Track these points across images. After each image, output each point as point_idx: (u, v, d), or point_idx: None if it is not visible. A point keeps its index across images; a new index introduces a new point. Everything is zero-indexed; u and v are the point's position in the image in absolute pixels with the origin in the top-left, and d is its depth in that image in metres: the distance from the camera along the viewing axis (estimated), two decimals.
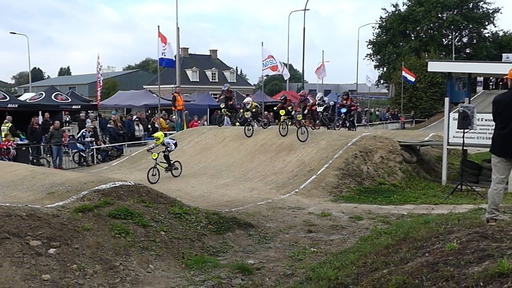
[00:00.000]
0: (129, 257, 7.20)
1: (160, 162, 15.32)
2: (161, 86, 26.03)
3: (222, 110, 21.21)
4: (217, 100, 22.99)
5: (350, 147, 15.53)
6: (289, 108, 17.73)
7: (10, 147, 16.78)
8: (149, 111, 33.98)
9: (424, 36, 58.44)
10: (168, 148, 15.62)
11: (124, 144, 21.65)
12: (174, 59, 24.99)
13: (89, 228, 7.38)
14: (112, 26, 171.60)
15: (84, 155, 19.77)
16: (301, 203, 12.06)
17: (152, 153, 15.29)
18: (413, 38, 59.17)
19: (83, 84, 76.15)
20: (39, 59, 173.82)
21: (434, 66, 17.30)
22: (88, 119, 24.55)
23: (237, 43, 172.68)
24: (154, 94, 36.46)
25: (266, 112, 30.73)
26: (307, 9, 38.52)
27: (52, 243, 6.88)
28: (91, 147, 19.92)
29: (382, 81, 60.49)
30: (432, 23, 57.36)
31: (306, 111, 20.22)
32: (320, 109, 20.02)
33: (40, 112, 22.79)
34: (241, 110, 19.76)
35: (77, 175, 10.47)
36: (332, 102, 21.15)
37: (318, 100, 20.17)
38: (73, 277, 6.47)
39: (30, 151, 18.44)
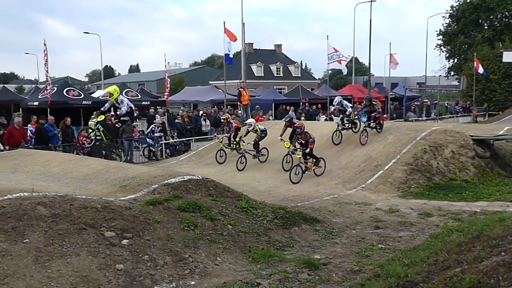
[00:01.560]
0: (198, 249, 7.37)
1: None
2: (226, 81, 26.38)
3: (222, 145, 17.67)
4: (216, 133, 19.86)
5: (419, 142, 15.11)
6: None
7: (85, 142, 17.53)
8: (215, 106, 34.51)
9: (498, 25, 55.78)
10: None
11: (192, 139, 22.13)
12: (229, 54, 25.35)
13: (159, 220, 7.62)
14: (178, 23, 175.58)
15: (153, 149, 20.39)
16: (368, 199, 11.89)
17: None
18: (486, 27, 56.65)
19: (151, 81, 78.35)
20: (110, 57, 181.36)
21: (510, 56, 16.47)
22: (157, 115, 25.26)
23: (301, 37, 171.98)
24: (220, 90, 36.97)
25: (331, 106, 30.39)
26: (374, 0, 37.65)
27: (125, 234, 7.15)
28: (160, 142, 20.50)
29: (452, 73, 58.29)
30: (508, 11, 54.64)
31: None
32: (337, 119, 17.09)
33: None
34: (237, 139, 17.69)
35: (148, 169, 10.81)
36: (350, 109, 17.89)
37: (336, 105, 17.45)
38: (144, 268, 6.71)
39: (103, 146, 19.17)
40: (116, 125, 12.70)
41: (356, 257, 7.50)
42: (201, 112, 26.68)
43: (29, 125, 18.73)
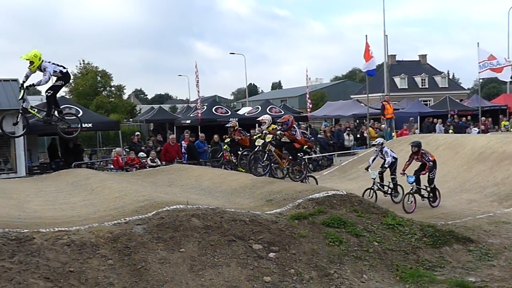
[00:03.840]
0: (343, 265, 7.31)
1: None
2: (369, 95, 25.94)
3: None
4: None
5: None
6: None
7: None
8: (357, 121, 34.07)
9: None
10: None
11: (334, 154, 22.07)
12: (374, 67, 24.75)
13: (304, 235, 7.70)
14: (319, 39, 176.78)
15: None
16: None
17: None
18: None
19: (293, 97, 79.74)
20: (254, 75, 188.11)
21: None
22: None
23: (447, 45, 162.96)
24: (362, 104, 36.47)
25: (483, 118, 28.35)
26: None
27: (272, 248, 7.35)
28: (303, 157, 20.71)
29: None
30: None
31: None
32: (373, 175, 13.22)
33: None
34: (254, 137, 14.33)
35: (292, 184, 11.00)
36: (391, 159, 13.43)
37: (376, 147, 14.00)
38: (291, 281, 6.82)
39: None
40: (47, 93, 10.46)
41: None
42: (343, 127, 26.53)
43: (182, 141, 20.16)
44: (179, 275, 6.57)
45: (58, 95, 11.32)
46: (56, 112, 10.54)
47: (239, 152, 14.67)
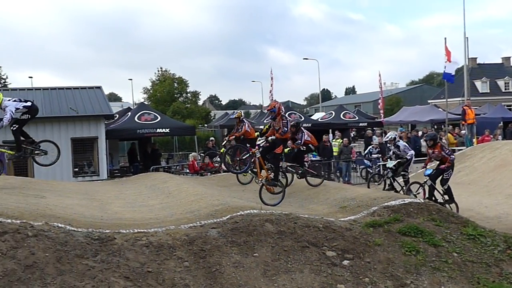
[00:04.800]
0: (420, 276, 7.08)
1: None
2: (448, 99, 25.03)
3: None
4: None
5: None
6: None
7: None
8: (435, 126, 32.96)
9: None
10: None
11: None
12: (453, 73, 23.76)
13: (379, 243, 7.54)
14: (395, 43, 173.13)
15: (371, 171, 20.29)
16: None
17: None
18: None
19: (367, 102, 78.47)
20: (327, 80, 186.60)
21: None
22: (374, 136, 25.16)
23: None
24: (440, 109, 35.26)
25: None
26: None
27: (346, 255, 7.25)
28: (378, 163, 20.31)
29: None
30: None
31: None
32: (391, 164, 12.87)
33: (330, 130, 24.33)
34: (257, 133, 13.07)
35: (366, 190, 10.83)
36: (411, 154, 12.87)
37: (388, 143, 13.07)
38: None
39: (322, 167, 19.80)
40: (13, 128, 9.93)
41: None
42: (420, 133, 25.75)
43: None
44: (253, 279, 6.62)
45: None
46: (28, 144, 10.32)
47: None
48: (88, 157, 19.49)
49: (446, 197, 11.62)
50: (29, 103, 10.12)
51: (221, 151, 12.73)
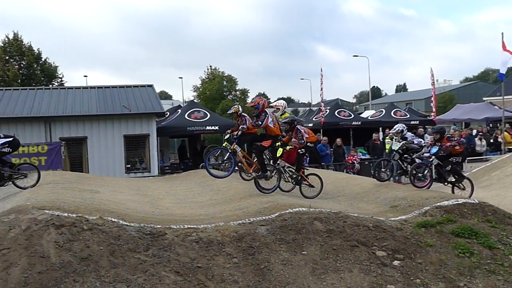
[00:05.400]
0: (474, 278, 6.88)
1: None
2: (505, 96, 24.11)
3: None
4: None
5: None
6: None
7: (355, 161, 18.16)
8: (491, 125, 31.84)
9: None
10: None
11: (464, 160, 20.81)
12: (505, 69, 22.79)
13: (431, 244, 7.36)
14: (448, 39, 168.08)
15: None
16: None
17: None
18: None
19: (419, 100, 76.66)
20: (377, 77, 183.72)
21: None
22: (426, 134, 24.56)
23: None
24: (496, 106, 34.03)
25: None
26: None
27: (396, 255, 7.12)
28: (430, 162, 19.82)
29: None
30: None
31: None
32: (395, 146, 12.14)
33: (380, 129, 23.91)
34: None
35: (418, 190, 10.56)
36: (423, 142, 12.25)
37: (395, 135, 12.28)
38: None
39: (372, 166, 19.52)
40: None
41: None
42: (474, 131, 24.96)
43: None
44: (301, 277, 6.61)
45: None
46: (6, 169, 10.51)
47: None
48: (140, 154, 19.93)
49: (452, 178, 11.16)
50: (11, 138, 10.69)
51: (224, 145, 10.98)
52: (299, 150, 10.77)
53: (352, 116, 26.25)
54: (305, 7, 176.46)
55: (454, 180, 11.15)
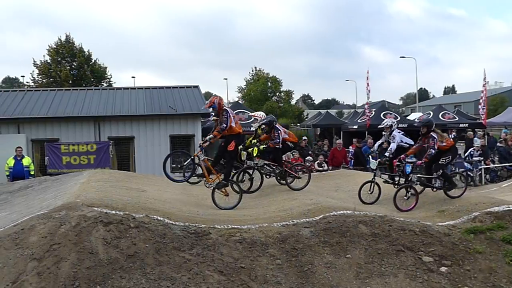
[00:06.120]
0: None
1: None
2: None
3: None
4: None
5: None
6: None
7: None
8: None
9: None
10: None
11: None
12: None
13: (481, 251, 7.16)
14: (500, 39, 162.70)
15: (471, 174, 19.28)
16: None
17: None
18: None
19: (468, 102, 74.61)
20: (424, 79, 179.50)
21: None
22: (475, 138, 23.86)
23: None
24: None
25: None
26: None
27: (444, 262, 6.95)
28: (479, 167, 19.26)
29: None
30: None
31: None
32: (373, 165, 10.53)
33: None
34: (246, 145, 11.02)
35: (467, 195, 10.27)
36: (396, 144, 10.59)
37: (384, 130, 11.11)
38: None
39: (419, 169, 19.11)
40: None
41: None
42: None
43: (350, 147, 20.08)
44: (345, 281, 6.54)
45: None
46: None
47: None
48: None
49: (441, 183, 10.02)
50: None
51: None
52: (277, 146, 10.63)
53: (399, 118, 25.79)
54: (350, 7, 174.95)
55: (443, 186, 9.96)
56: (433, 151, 9.61)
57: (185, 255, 6.65)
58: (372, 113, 25.52)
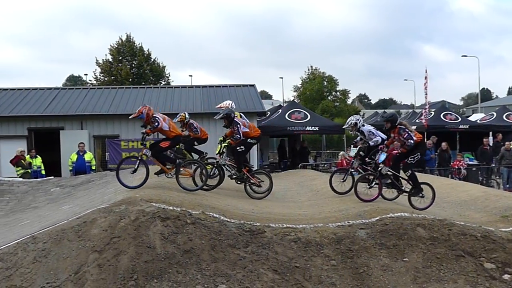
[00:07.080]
0: None
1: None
2: None
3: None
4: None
5: None
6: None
7: (461, 167, 17.26)
8: None
9: None
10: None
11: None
12: None
13: None
14: None
15: None
16: None
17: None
18: None
19: None
20: (487, 79, 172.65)
21: None
22: None
23: None
24: None
25: None
26: None
27: (507, 269, 6.68)
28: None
29: None
30: None
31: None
32: (352, 152, 10.49)
33: (490, 133, 22.54)
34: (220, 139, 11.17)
35: None
36: (379, 138, 9.93)
37: (350, 130, 10.72)
38: None
39: (480, 172, 18.45)
40: None
41: None
42: None
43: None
44: (402, 285, 6.40)
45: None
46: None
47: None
48: None
49: (413, 189, 9.36)
50: None
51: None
52: (238, 148, 10.20)
53: (459, 119, 24.93)
54: (410, 5, 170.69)
55: (409, 190, 9.39)
56: (412, 141, 9.12)
57: (240, 252, 6.70)
58: (431, 113, 24.77)
